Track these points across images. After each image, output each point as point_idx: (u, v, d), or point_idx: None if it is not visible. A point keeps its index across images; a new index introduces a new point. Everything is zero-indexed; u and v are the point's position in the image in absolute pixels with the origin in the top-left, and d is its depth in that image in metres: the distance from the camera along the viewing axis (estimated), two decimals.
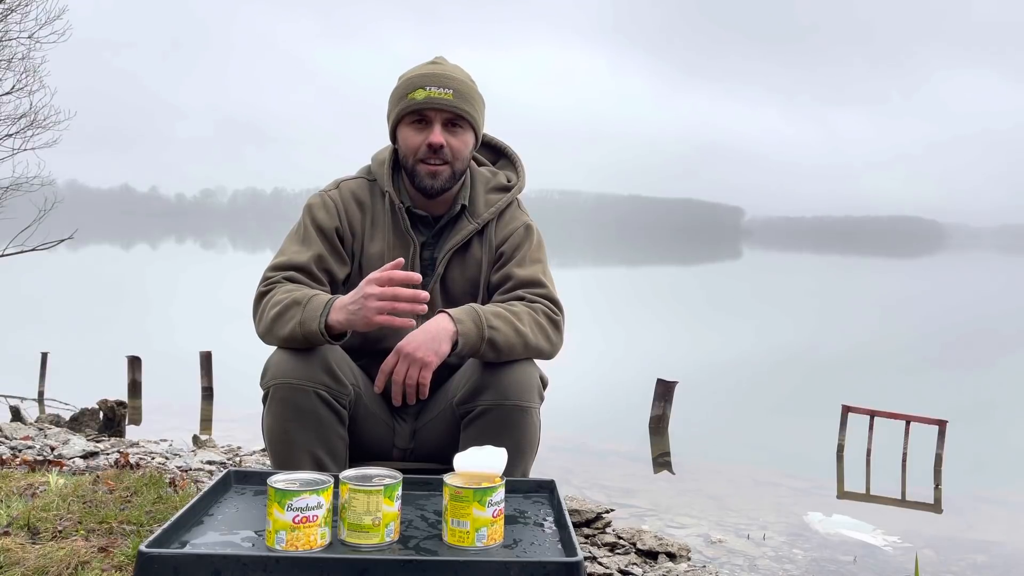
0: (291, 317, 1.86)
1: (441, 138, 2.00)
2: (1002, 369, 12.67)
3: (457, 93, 2.02)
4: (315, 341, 1.85)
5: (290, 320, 1.86)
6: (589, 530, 3.90)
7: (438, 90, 2.00)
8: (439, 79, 2.01)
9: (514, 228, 2.12)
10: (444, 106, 2.00)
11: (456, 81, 2.03)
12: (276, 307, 1.90)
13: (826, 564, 4.17)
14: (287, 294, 1.91)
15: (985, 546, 4.71)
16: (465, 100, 2.03)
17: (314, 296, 1.88)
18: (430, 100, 1.99)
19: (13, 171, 7.86)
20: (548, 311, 1.99)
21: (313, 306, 1.85)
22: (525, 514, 1.52)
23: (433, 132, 2.01)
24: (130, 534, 2.47)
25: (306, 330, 1.83)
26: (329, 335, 1.83)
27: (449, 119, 2.02)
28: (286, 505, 1.26)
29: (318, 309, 1.84)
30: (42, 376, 8.48)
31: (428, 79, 2.01)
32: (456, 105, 2.01)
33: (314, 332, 1.83)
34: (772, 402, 9.49)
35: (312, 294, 1.90)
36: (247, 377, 2.61)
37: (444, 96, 2.00)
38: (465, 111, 2.03)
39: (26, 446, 4.86)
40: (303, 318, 1.84)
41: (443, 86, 2.00)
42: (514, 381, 1.88)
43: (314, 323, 1.82)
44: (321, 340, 1.84)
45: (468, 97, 2.04)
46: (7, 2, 7.81)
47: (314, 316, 1.83)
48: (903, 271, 51.68)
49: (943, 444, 6.39)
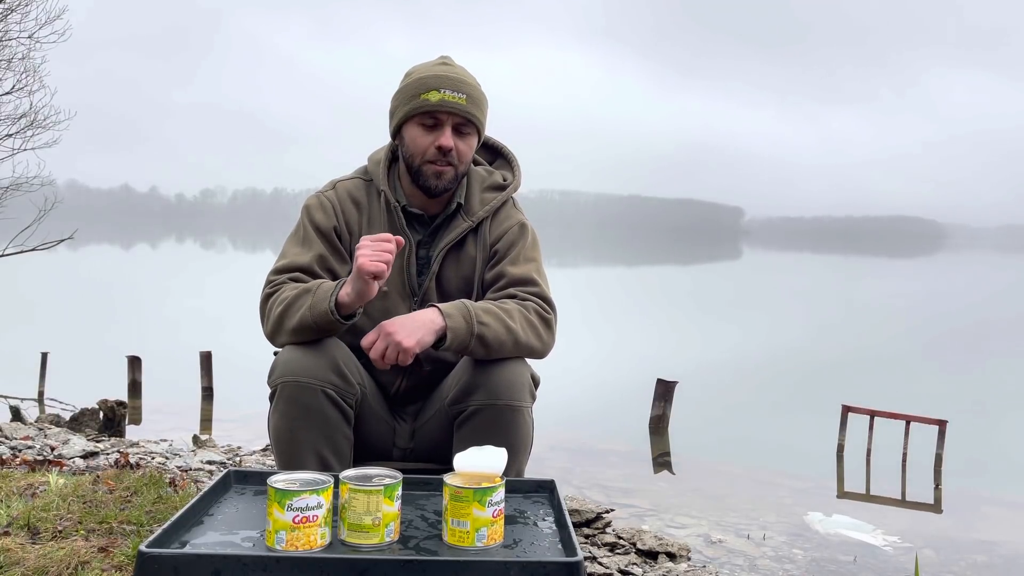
0: (301, 305, 1.88)
1: (451, 142, 2.00)
2: (1002, 369, 12.67)
3: (470, 98, 2.02)
4: (324, 323, 1.85)
5: (300, 308, 1.87)
6: (589, 530, 3.90)
7: (453, 94, 2.00)
8: (454, 83, 2.01)
9: (509, 226, 2.12)
10: (457, 110, 2.00)
11: (469, 86, 2.03)
12: (284, 302, 1.91)
13: (826, 564, 4.17)
14: (294, 289, 1.93)
15: (985, 546, 4.71)
16: (476, 105, 2.04)
17: (322, 283, 1.91)
18: (444, 103, 1.99)
19: (13, 171, 7.86)
20: (540, 309, 1.99)
21: (324, 290, 1.88)
22: (525, 514, 1.52)
23: (444, 135, 2.00)
24: (130, 534, 2.47)
25: (316, 312, 1.85)
26: (340, 315, 1.85)
27: (459, 123, 2.02)
28: (286, 505, 1.26)
29: (328, 290, 1.87)
30: (42, 376, 8.48)
31: (443, 81, 2.01)
32: (468, 110, 2.02)
33: (324, 312, 1.84)
34: (772, 402, 9.49)
35: (320, 282, 1.93)
36: (247, 377, 2.61)
37: (459, 101, 2.00)
38: (475, 116, 2.04)
39: (26, 446, 4.86)
40: (313, 302, 1.86)
41: (457, 90, 2.00)
42: (505, 380, 1.88)
43: (324, 303, 1.85)
44: (331, 319, 1.84)
45: (479, 102, 2.05)
46: (7, 2, 7.81)
47: (324, 298, 1.86)
48: (903, 271, 51.68)
49: (943, 444, 6.39)
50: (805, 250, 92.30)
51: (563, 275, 28.66)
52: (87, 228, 26.76)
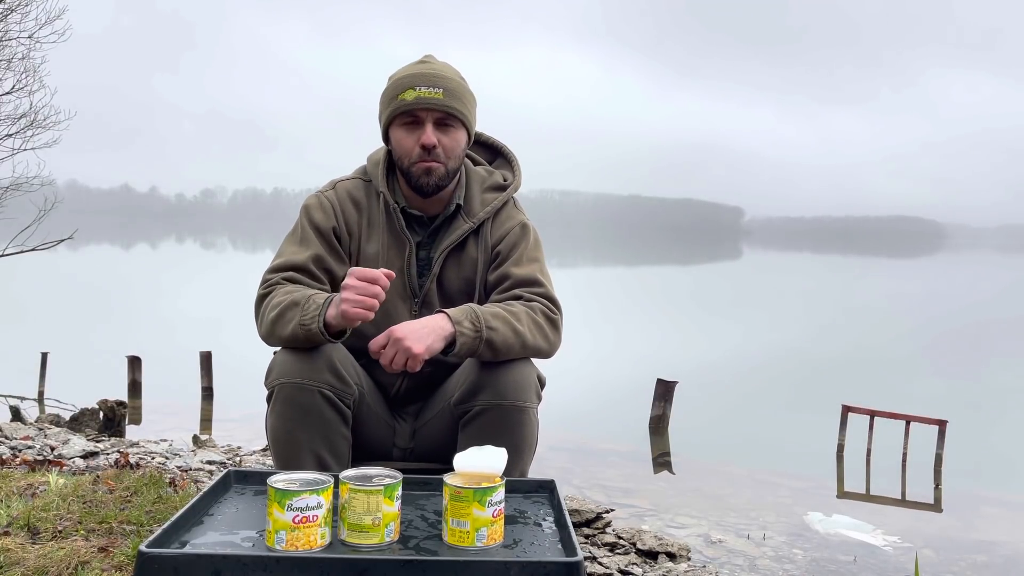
0: (291, 318, 1.86)
1: (433, 138, 1.99)
2: (1002, 369, 12.67)
3: (447, 92, 2.00)
4: (316, 340, 1.84)
5: (290, 321, 1.85)
6: (589, 530, 3.90)
7: (428, 89, 1.98)
8: (428, 78, 2.00)
9: (510, 227, 2.11)
10: (434, 105, 1.99)
11: (445, 80, 2.02)
12: (276, 309, 1.90)
13: (826, 564, 4.17)
14: (286, 295, 1.91)
15: (985, 546, 4.72)
16: (455, 98, 2.02)
17: (312, 296, 1.88)
18: (420, 100, 1.98)
19: (13, 171, 7.87)
20: (546, 310, 1.99)
21: (311, 305, 1.84)
22: (525, 514, 1.52)
23: (425, 132, 1.99)
24: (130, 534, 2.47)
25: (306, 330, 1.83)
26: (329, 333, 1.83)
27: (440, 118, 2.01)
28: (286, 505, 1.26)
29: (316, 308, 1.83)
30: (42, 376, 8.48)
31: (417, 79, 2.00)
32: (446, 104, 2.00)
33: (314, 332, 1.82)
34: (772, 402, 9.50)
35: (310, 294, 1.89)
36: (247, 377, 2.61)
37: (434, 95, 1.99)
38: (455, 109, 2.02)
39: (26, 446, 4.86)
40: (302, 318, 1.84)
41: (432, 85, 1.99)
42: (512, 381, 1.88)
43: (313, 322, 1.82)
44: (322, 339, 1.83)
45: (458, 95, 2.03)
46: (7, 2, 7.81)
47: (312, 315, 1.83)
48: (903, 271, 51.68)
49: (943, 444, 6.39)
50: (805, 250, 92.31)
51: (563, 275, 28.59)
52: (87, 228, 26.76)
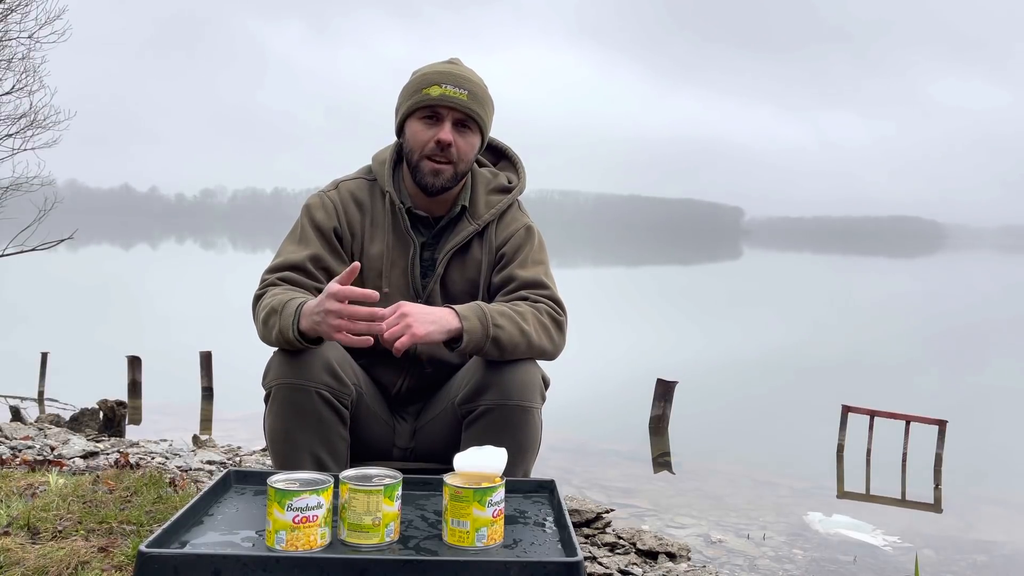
0: (273, 325, 1.86)
1: (450, 136, 2.00)
2: (1002, 369, 12.67)
3: (471, 95, 2.02)
4: (296, 347, 1.84)
5: (273, 327, 1.86)
6: (589, 530, 3.90)
7: (454, 89, 2.00)
8: (455, 78, 2.02)
9: (515, 230, 2.12)
10: (457, 105, 2.00)
11: (471, 83, 2.04)
12: (263, 312, 1.91)
13: (826, 564, 4.17)
14: (271, 299, 1.91)
15: (985, 546, 4.71)
16: (478, 102, 2.04)
17: (288, 302, 1.86)
18: (444, 98, 2.00)
19: (13, 171, 7.86)
20: (552, 311, 2.00)
21: (286, 314, 1.83)
22: (525, 514, 1.52)
23: (443, 129, 2.01)
24: (130, 534, 2.46)
25: (287, 338, 1.83)
26: (307, 341, 1.82)
27: (460, 119, 2.03)
28: (286, 505, 1.26)
29: (290, 317, 1.82)
30: (42, 376, 8.48)
31: (445, 77, 2.02)
32: (469, 106, 2.02)
33: (292, 341, 1.82)
34: (772, 402, 9.49)
35: (286, 300, 1.87)
36: (247, 377, 2.61)
37: (459, 96, 2.00)
38: (476, 113, 2.03)
39: (26, 446, 4.86)
40: (281, 326, 1.83)
41: (459, 86, 2.01)
42: (516, 381, 1.88)
43: (289, 332, 1.82)
44: (299, 347, 1.83)
45: (481, 100, 2.05)
46: (7, 2, 7.81)
47: (288, 325, 1.82)
48: (903, 271, 51.67)
49: (943, 444, 6.39)
50: (805, 250, 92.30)
51: (563, 275, 28.53)
52: (87, 228, 26.74)
